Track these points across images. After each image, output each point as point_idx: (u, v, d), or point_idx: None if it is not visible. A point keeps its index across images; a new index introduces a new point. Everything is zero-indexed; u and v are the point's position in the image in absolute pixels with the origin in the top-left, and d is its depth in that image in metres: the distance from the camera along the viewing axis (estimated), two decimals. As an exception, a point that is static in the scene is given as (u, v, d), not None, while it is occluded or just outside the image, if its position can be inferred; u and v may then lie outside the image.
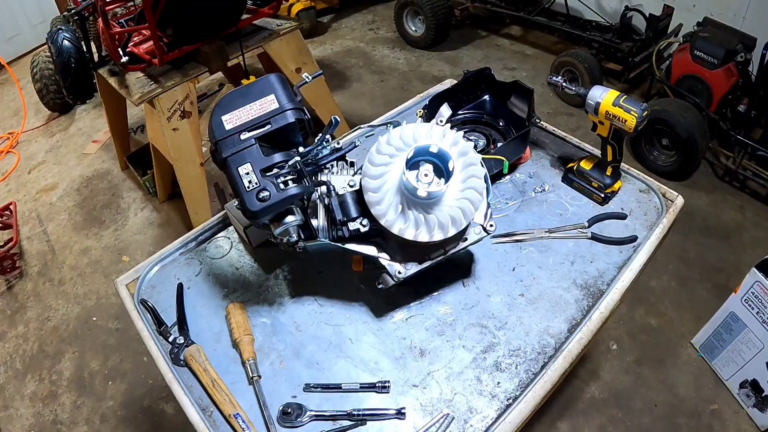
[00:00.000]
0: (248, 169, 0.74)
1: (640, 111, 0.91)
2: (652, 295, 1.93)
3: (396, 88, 3.36)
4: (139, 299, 0.91)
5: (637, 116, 0.91)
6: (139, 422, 1.74)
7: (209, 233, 1.05)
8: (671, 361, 1.73)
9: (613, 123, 0.95)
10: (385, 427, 0.73)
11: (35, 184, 2.98)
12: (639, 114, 0.91)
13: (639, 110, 0.91)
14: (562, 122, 2.73)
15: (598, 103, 0.95)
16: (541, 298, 0.87)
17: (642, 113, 0.91)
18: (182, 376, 0.79)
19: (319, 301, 0.90)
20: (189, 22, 1.89)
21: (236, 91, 0.79)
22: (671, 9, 2.66)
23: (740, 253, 2.05)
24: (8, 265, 2.37)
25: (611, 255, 0.93)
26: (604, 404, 1.63)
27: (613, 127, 0.96)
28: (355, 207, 0.79)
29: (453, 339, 0.83)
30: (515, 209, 1.04)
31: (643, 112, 0.91)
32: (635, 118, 0.91)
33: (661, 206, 1.01)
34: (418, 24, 3.66)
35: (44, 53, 3.18)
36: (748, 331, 1.52)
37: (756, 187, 2.29)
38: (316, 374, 0.80)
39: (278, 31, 2.19)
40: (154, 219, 2.58)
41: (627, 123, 0.92)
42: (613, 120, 0.94)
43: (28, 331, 2.12)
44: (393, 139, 0.77)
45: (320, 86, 2.46)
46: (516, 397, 0.74)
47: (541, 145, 1.18)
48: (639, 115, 0.91)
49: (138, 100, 1.88)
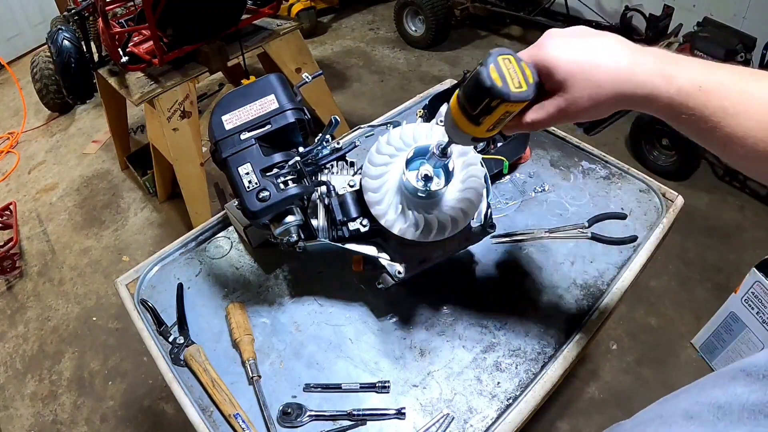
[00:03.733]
0: (248, 169, 0.74)
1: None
2: (652, 295, 1.93)
3: (396, 88, 3.36)
4: (139, 299, 0.91)
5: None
6: (139, 422, 1.74)
7: (209, 233, 1.05)
8: (671, 361, 1.73)
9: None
10: (385, 427, 0.73)
11: (35, 184, 2.98)
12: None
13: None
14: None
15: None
16: (541, 298, 0.87)
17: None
18: (182, 376, 0.79)
19: (319, 301, 0.90)
20: (189, 22, 1.89)
21: (236, 91, 0.79)
22: (671, 9, 2.66)
23: (740, 253, 2.05)
24: (8, 265, 2.37)
25: (611, 255, 0.93)
26: (604, 404, 1.63)
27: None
28: (355, 207, 0.79)
29: (453, 339, 0.83)
30: (515, 209, 1.04)
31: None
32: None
33: (661, 206, 1.01)
34: (418, 24, 3.66)
35: (44, 53, 3.18)
36: (748, 331, 1.52)
37: (756, 187, 2.29)
38: (316, 374, 0.80)
39: (278, 31, 2.19)
40: (154, 219, 2.58)
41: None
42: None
43: (28, 331, 2.12)
44: (393, 139, 0.77)
45: (320, 86, 2.46)
46: (516, 397, 0.74)
47: (541, 145, 1.18)
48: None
49: (138, 100, 1.88)
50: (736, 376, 0.40)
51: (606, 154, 1.13)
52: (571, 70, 0.52)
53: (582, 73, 0.52)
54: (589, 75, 0.51)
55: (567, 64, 0.52)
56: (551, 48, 0.53)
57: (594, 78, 0.51)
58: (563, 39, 0.54)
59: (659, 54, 0.50)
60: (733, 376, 0.40)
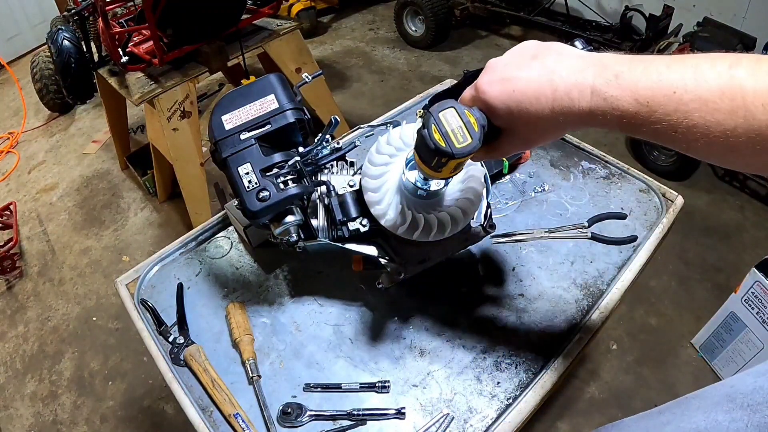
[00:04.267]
0: (248, 169, 0.74)
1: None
2: (652, 295, 1.93)
3: (396, 88, 3.36)
4: (139, 299, 0.91)
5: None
6: (139, 422, 1.74)
7: (209, 233, 1.05)
8: (671, 361, 1.73)
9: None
10: (385, 427, 0.73)
11: (35, 184, 2.98)
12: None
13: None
14: (562, 122, 2.73)
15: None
16: (541, 298, 0.87)
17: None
18: (182, 376, 0.79)
19: (319, 301, 0.90)
20: (189, 22, 1.89)
21: (236, 91, 0.79)
22: (671, 9, 2.66)
23: (740, 253, 2.05)
24: (8, 265, 2.37)
25: (611, 255, 0.93)
26: (604, 404, 1.63)
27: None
28: (354, 207, 0.79)
29: (453, 339, 0.83)
30: (515, 209, 1.04)
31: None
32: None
33: (661, 206, 1.01)
34: (418, 24, 3.66)
35: (44, 53, 3.18)
36: (748, 331, 1.52)
37: (756, 187, 2.29)
38: (316, 374, 0.80)
39: (278, 31, 2.19)
40: (154, 219, 2.58)
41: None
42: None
43: (28, 331, 2.12)
44: (393, 139, 0.77)
45: (320, 86, 2.46)
46: (516, 397, 0.74)
47: (541, 146, 1.18)
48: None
49: (138, 100, 1.88)
50: (719, 401, 0.39)
51: (606, 154, 1.13)
52: (509, 114, 0.52)
53: (520, 115, 0.52)
54: (527, 116, 0.51)
55: (504, 107, 0.52)
56: (488, 91, 0.53)
57: (532, 118, 0.51)
58: (498, 75, 0.53)
59: (601, 67, 0.48)
60: (717, 401, 0.39)
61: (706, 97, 0.41)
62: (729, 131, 0.41)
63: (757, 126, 0.39)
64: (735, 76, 0.40)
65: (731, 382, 0.41)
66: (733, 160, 0.44)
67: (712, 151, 0.44)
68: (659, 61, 0.45)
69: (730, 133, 0.41)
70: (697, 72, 0.42)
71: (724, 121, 0.41)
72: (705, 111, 0.42)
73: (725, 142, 0.41)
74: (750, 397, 0.37)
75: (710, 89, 0.41)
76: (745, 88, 0.40)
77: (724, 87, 0.41)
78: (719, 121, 0.41)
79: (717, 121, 0.41)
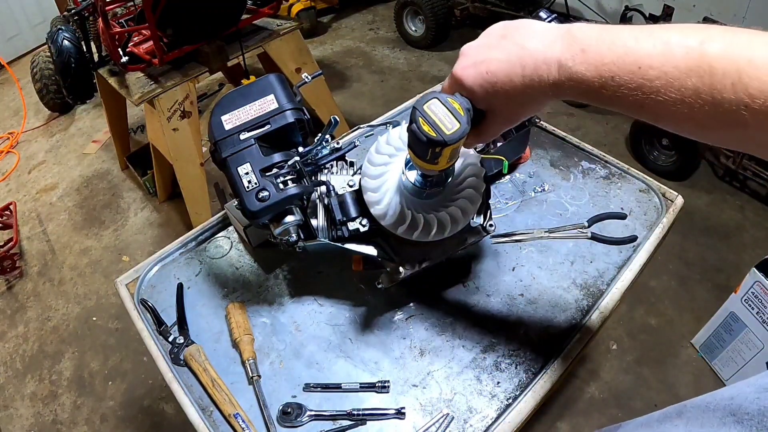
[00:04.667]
0: (248, 169, 0.74)
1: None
2: (652, 295, 1.93)
3: (396, 88, 3.36)
4: (139, 299, 0.91)
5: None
6: (139, 422, 1.74)
7: (209, 233, 1.05)
8: (671, 361, 1.73)
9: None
10: (385, 427, 0.73)
11: (35, 184, 2.98)
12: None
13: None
14: (562, 122, 2.73)
15: None
16: (541, 298, 0.87)
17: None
18: (182, 376, 0.79)
19: (319, 301, 0.90)
20: (189, 22, 1.89)
21: (236, 91, 0.79)
22: (671, 9, 2.66)
23: (740, 253, 2.05)
24: (8, 265, 2.37)
25: (611, 255, 0.93)
26: (604, 404, 1.63)
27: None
28: (354, 207, 0.79)
29: (453, 339, 0.83)
30: (515, 209, 1.04)
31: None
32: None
33: (661, 206, 1.01)
34: (418, 24, 3.66)
35: (44, 53, 3.18)
36: (748, 331, 1.52)
37: (756, 187, 2.29)
38: (316, 374, 0.80)
39: (278, 31, 2.19)
40: (154, 219, 2.58)
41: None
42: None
43: (28, 331, 2.12)
44: (393, 139, 0.77)
45: (320, 86, 2.46)
46: (516, 397, 0.74)
47: (541, 145, 1.18)
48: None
49: (138, 100, 1.88)
50: (725, 420, 0.38)
51: (606, 154, 1.13)
52: (487, 95, 0.54)
53: (497, 95, 0.53)
54: (504, 95, 0.52)
55: (481, 89, 0.54)
56: (463, 76, 0.55)
57: (508, 95, 0.52)
58: (471, 59, 0.55)
59: (569, 40, 0.48)
60: (722, 419, 0.39)
61: (672, 74, 0.40)
62: (696, 108, 0.40)
63: (726, 105, 0.38)
64: (706, 52, 0.39)
65: (729, 392, 0.40)
66: (705, 135, 0.43)
67: (682, 126, 0.43)
68: (629, 33, 0.44)
69: (698, 110, 0.40)
70: (666, 47, 0.41)
71: (691, 99, 0.40)
72: (670, 88, 0.41)
73: (693, 119, 0.41)
74: (758, 420, 0.36)
75: (677, 66, 0.40)
76: (715, 67, 0.38)
77: (692, 64, 0.39)
78: (685, 99, 0.40)
79: (683, 98, 0.40)
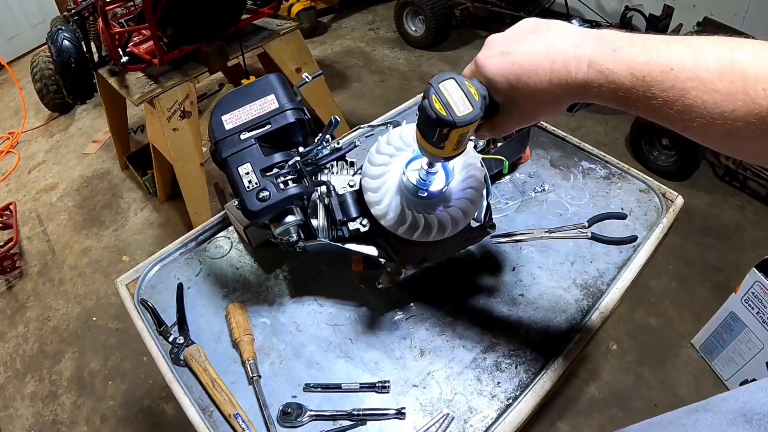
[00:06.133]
0: (248, 169, 0.74)
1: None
2: (652, 295, 1.93)
3: (396, 88, 3.36)
4: (139, 299, 0.91)
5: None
6: (139, 422, 1.74)
7: (209, 233, 1.05)
8: (671, 361, 1.73)
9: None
10: (385, 427, 0.73)
11: (35, 184, 2.98)
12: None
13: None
14: (562, 122, 2.73)
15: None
16: (541, 298, 0.87)
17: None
18: (182, 376, 0.79)
19: (319, 301, 0.90)
20: (189, 22, 1.89)
21: (236, 91, 0.79)
22: (671, 9, 2.66)
23: (740, 253, 2.05)
24: (8, 265, 2.37)
25: (611, 255, 0.93)
26: (604, 404, 1.63)
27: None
28: (355, 207, 0.79)
29: (453, 339, 0.83)
30: (515, 209, 1.04)
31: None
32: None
33: (661, 206, 1.01)
34: (418, 24, 3.66)
35: (44, 53, 3.18)
36: (748, 331, 1.52)
37: (756, 187, 2.29)
38: (316, 374, 0.80)
39: (278, 31, 2.19)
40: (154, 219, 2.58)
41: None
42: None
43: (28, 331, 2.12)
44: (393, 139, 0.77)
45: (320, 86, 2.46)
46: (516, 397, 0.74)
47: (541, 145, 1.18)
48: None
49: (138, 100, 1.88)
50: (735, 421, 0.38)
51: (606, 154, 1.13)
52: (508, 87, 0.52)
53: (519, 88, 0.52)
54: (526, 89, 0.51)
55: (503, 80, 0.52)
56: (487, 65, 0.53)
57: (531, 90, 0.51)
58: (497, 49, 0.53)
59: (599, 41, 0.48)
60: (732, 421, 0.38)
61: (704, 77, 0.41)
62: (727, 113, 0.40)
63: (758, 110, 0.39)
64: (737, 59, 0.40)
65: (743, 396, 0.40)
66: (733, 145, 0.43)
67: (710, 133, 0.43)
68: (660, 39, 0.45)
69: (728, 115, 0.40)
70: (698, 52, 0.42)
71: (722, 102, 0.40)
72: (702, 90, 0.41)
73: (723, 125, 0.41)
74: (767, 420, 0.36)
75: (709, 70, 0.41)
76: (746, 72, 0.39)
77: (724, 69, 0.40)
78: (717, 103, 0.40)
79: (715, 102, 0.41)
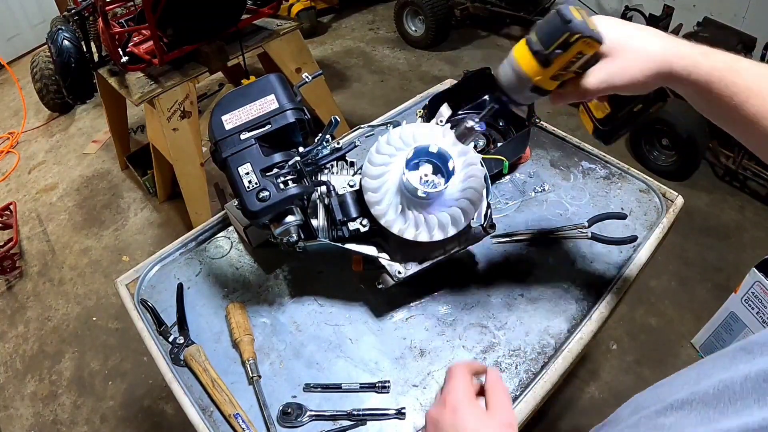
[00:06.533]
0: (248, 169, 0.74)
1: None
2: (652, 295, 1.93)
3: (396, 88, 3.36)
4: (139, 299, 0.91)
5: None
6: (139, 422, 1.74)
7: (209, 233, 1.05)
8: (671, 361, 1.73)
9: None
10: (385, 427, 0.73)
11: (35, 184, 2.98)
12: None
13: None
14: (562, 122, 2.73)
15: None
16: (541, 298, 0.87)
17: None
18: (182, 376, 0.79)
19: (319, 301, 0.90)
20: (189, 22, 1.89)
21: (236, 91, 0.79)
22: (671, 9, 2.66)
23: (740, 253, 2.05)
24: (8, 265, 2.37)
25: (611, 255, 0.93)
26: (604, 404, 1.63)
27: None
28: (355, 207, 0.79)
29: (453, 339, 0.83)
30: (515, 209, 1.04)
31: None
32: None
33: (661, 206, 1.01)
34: (418, 24, 3.66)
35: (44, 53, 3.18)
36: (748, 331, 1.52)
37: (756, 187, 2.29)
38: (316, 374, 0.80)
39: (278, 31, 2.19)
40: (154, 219, 2.58)
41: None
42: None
43: (28, 331, 2.12)
44: (393, 139, 0.77)
45: (320, 86, 2.46)
46: (516, 397, 0.74)
47: (541, 145, 1.18)
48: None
49: (138, 100, 1.88)
50: (735, 356, 0.38)
51: (606, 154, 1.13)
52: (621, 40, 0.57)
53: (633, 43, 0.57)
54: (640, 45, 0.57)
55: (618, 34, 0.57)
56: (601, 24, 0.58)
57: (645, 48, 0.56)
58: (608, 19, 0.59)
59: (691, 42, 0.56)
60: (733, 356, 0.38)
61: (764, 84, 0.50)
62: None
63: None
64: None
65: (743, 341, 0.39)
66: None
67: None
68: (736, 55, 0.54)
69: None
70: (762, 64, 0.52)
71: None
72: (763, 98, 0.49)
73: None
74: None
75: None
76: None
77: None
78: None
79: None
